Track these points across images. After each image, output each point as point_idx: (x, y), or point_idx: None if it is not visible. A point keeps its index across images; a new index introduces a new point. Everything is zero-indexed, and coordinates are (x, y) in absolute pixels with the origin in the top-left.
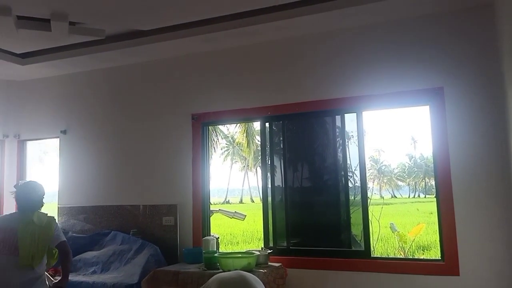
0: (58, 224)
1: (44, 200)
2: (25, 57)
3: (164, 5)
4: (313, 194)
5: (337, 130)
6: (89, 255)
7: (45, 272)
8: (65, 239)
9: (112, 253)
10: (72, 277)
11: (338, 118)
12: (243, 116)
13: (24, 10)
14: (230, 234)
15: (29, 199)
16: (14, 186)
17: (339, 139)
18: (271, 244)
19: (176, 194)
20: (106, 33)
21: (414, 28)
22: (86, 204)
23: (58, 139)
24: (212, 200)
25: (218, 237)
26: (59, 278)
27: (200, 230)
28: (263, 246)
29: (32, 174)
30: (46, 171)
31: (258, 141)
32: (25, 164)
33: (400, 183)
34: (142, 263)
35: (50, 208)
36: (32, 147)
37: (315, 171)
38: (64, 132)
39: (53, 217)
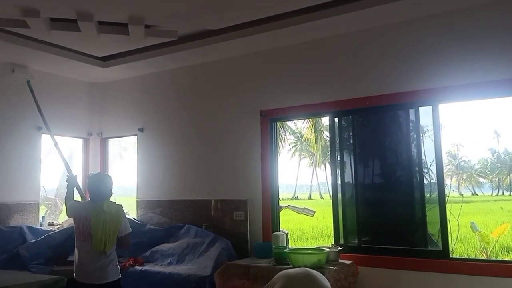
0: (126, 215)
1: (112, 191)
2: (105, 60)
3: (233, 4)
4: (385, 191)
5: (410, 124)
6: (166, 246)
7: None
8: (131, 230)
9: (186, 246)
10: (150, 267)
11: (411, 111)
12: (312, 111)
13: (104, 16)
14: (299, 230)
15: (99, 189)
16: (87, 178)
17: (413, 133)
18: (341, 241)
19: (245, 189)
20: (179, 34)
21: (498, 13)
22: (162, 198)
23: (136, 136)
24: (280, 196)
25: (288, 233)
26: (138, 267)
27: (270, 225)
28: (333, 243)
29: (113, 169)
30: (126, 166)
31: (327, 136)
32: (107, 159)
33: (481, 179)
34: (215, 256)
35: (130, 201)
36: (113, 144)
37: (387, 167)
38: (141, 130)
39: (121, 205)
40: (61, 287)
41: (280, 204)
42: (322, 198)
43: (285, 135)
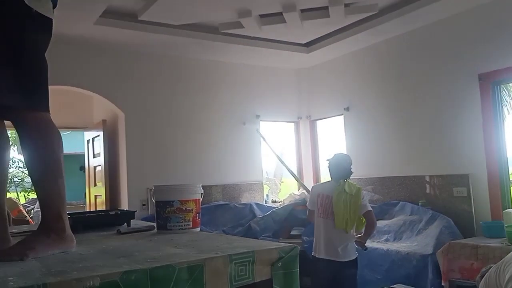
0: (365, 194)
1: (352, 170)
2: (309, 45)
3: None
4: None
5: None
6: (381, 223)
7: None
8: (371, 208)
9: (403, 223)
10: (367, 243)
11: None
12: None
13: (305, 3)
14: None
15: (339, 169)
16: (327, 160)
17: None
18: None
19: (466, 163)
20: (379, 6)
21: None
22: (373, 175)
23: (342, 116)
24: (510, 170)
25: None
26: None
27: (499, 202)
28: None
29: (322, 149)
30: (333, 145)
31: None
32: (317, 140)
33: None
34: (435, 234)
35: None
36: (321, 125)
37: None
38: (347, 109)
39: (361, 187)
40: (296, 254)
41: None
42: None
43: (510, 100)
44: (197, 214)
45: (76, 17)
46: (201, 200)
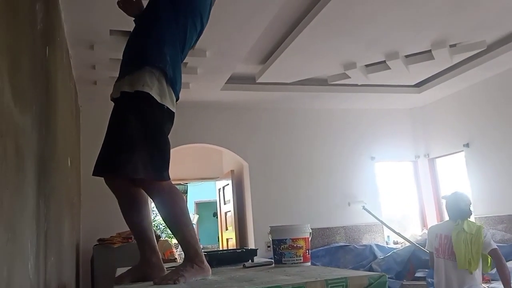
0: (488, 232)
1: (471, 209)
2: (419, 86)
3: None
4: None
5: None
6: None
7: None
8: (495, 246)
9: None
10: (497, 285)
11: None
12: None
13: (408, 49)
14: None
15: (457, 208)
16: (443, 197)
17: None
18: None
19: None
20: (487, 42)
21: None
22: (503, 213)
23: (463, 152)
24: None
25: None
26: (485, 284)
27: None
28: None
29: (444, 187)
30: (455, 183)
31: None
32: (437, 179)
33: None
34: None
35: None
36: (440, 163)
37: None
38: (467, 145)
39: (482, 225)
40: (384, 281)
41: None
42: None
43: None
44: (307, 251)
45: (207, 87)
46: (310, 238)
